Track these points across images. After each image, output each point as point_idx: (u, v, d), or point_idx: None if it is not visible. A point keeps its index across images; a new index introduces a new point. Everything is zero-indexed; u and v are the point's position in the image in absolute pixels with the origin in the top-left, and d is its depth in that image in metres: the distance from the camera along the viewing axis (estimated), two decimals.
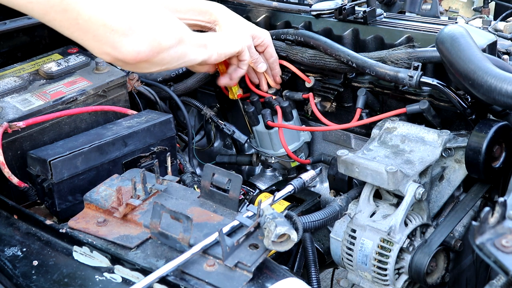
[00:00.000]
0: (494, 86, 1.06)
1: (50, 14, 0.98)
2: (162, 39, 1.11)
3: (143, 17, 1.07)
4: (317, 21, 1.58)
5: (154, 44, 1.09)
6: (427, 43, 1.36)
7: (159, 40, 1.10)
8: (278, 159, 1.64)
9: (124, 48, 1.04)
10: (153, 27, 1.09)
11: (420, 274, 1.19)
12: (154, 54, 1.10)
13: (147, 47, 1.07)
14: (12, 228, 1.15)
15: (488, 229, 0.74)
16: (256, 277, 0.93)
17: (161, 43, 1.11)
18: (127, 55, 1.05)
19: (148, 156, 1.39)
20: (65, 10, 0.97)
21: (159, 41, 1.10)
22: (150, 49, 1.08)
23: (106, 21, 1.00)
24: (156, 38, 1.10)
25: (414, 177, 1.21)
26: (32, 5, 0.97)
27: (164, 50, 1.13)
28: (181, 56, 1.21)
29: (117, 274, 0.99)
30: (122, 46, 1.03)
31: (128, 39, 1.03)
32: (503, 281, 0.76)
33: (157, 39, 1.10)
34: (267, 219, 0.96)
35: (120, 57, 1.06)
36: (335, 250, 1.31)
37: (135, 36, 1.04)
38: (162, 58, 1.13)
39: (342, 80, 1.51)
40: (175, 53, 1.17)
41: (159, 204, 0.99)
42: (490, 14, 2.54)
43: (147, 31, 1.07)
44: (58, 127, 1.40)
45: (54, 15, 0.98)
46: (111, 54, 1.05)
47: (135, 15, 1.05)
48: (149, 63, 1.11)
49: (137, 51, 1.06)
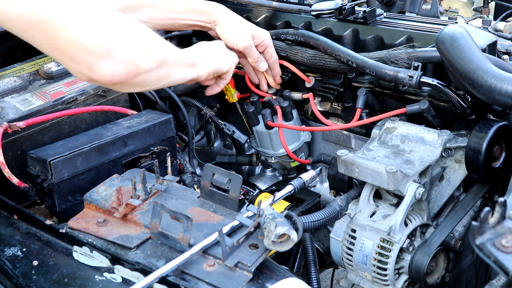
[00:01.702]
0: (494, 86, 1.06)
1: (29, 33, 0.98)
2: (141, 63, 1.09)
3: (122, 40, 1.05)
4: (317, 21, 1.58)
5: (132, 68, 1.07)
6: (427, 43, 1.36)
7: (137, 63, 1.08)
8: (278, 159, 1.64)
9: (100, 70, 1.03)
10: (131, 50, 1.07)
11: (420, 274, 1.19)
12: (131, 77, 1.08)
13: (124, 70, 1.06)
14: (12, 228, 1.15)
15: (488, 229, 0.74)
16: (256, 277, 0.93)
17: (139, 67, 1.09)
18: (102, 77, 1.04)
19: (148, 156, 1.39)
20: (44, 30, 0.97)
21: (137, 65, 1.09)
22: (127, 72, 1.06)
23: (84, 44, 1.00)
24: (135, 61, 1.08)
25: (414, 177, 1.21)
26: (12, 23, 0.97)
27: (143, 73, 1.11)
28: (163, 78, 1.19)
29: (117, 274, 0.99)
30: (98, 68, 1.02)
31: (105, 62, 1.02)
32: (503, 281, 0.76)
33: (136, 63, 1.08)
34: (267, 219, 0.96)
35: (95, 78, 1.05)
36: (335, 250, 1.31)
37: (112, 59, 1.03)
38: (140, 80, 1.12)
39: (342, 80, 1.51)
40: (156, 76, 1.16)
41: (159, 204, 0.99)
42: (490, 14, 2.54)
43: (125, 54, 1.06)
44: (58, 127, 1.40)
45: (33, 33, 0.98)
46: (87, 74, 1.04)
47: (114, 38, 1.04)
48: (126, 84, 1.10)
49: (112, 74, 1.04)
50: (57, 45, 1.00)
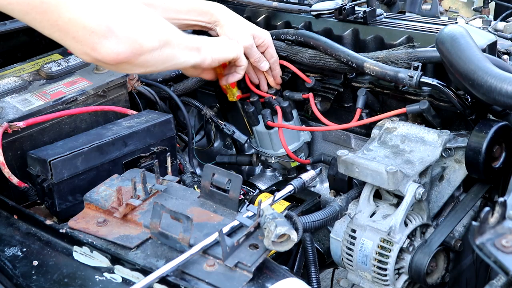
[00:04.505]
0: (494, 86, 1.06)
1: (30, 15, 0.98)
2: (144, 41, 1.09)
3: (124, 18, 1.05)
4: (317, 21, 1.58)
5: (135, 46, 1.07)
6: (427, 43, 1.36)
7: (140, 42, 1.08)
8: (278, 159, 1.64)
9: (103, 50, 1.03)
10: (134, 28, 1.07)
11: (420, 274, 1.19)
12: (135, 56, 1.08)
13: (127, 49, 1.06)
14: (12, 228, 1.15)
15: (488, 229, 0.74)
16: (256, 277, 0.93)
17: (142, 45, 1.09)
18: (106, 56, 1.04)
19: (148, 156, 1.39)
20: (45, 11, 0.97)
21: (140, 43, 1.08)
22: (131, 51, 1.06)
23: (85, 23, 1.00)
24: (137, 39, 1.08)
25: (414, 177, 1.21)
26: (13, 6, 0.96)
27: (146, 52, 1.11)
28: (167, 59, 1.19)
29: (117, 274, 0.99)
30: (101, 47, 1.02)
31: (108, 40, 1.02)
32: (503, 281, 0.76)
33: (138, 41, 1.08)
34: (267, 219, 0.96)
35: (99, 58, 1.05)
36: (335, 250, 1.31)
37: (114, 37, 1.03)
38: (144, 60, 1.12)
39: (342, 80, 1.51)
40: (160, 56, 1.15)
41: (159, 204, 0.99)
42: (490, 14, 2.54)
43: (127, 32, 1.05)
44: (58, 127, 1.40)
45: (34, 15, 0.98)
46: (91, 55, 1.04)
47: (115, 16, 1.03)
48: (131, 64, 1.10)
49: (116, 53, 1.04)
50: (59, 26, 0.99)
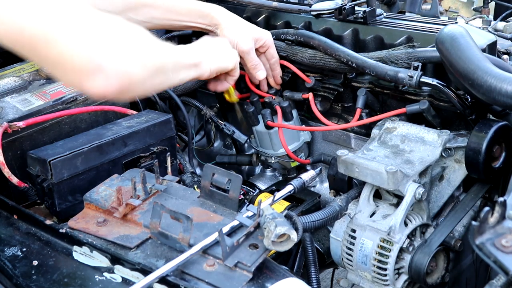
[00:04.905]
0: (494, 86, 1.06)
1: (19, 49, 0.96)
2: (134, 75, 1.03)
3: (113, 52, 0.98)
4: (317, 21, 1.58)
5: (124, 81, 1.01)
6: (427, 43, 1.36)
7: (130, 76, 1.02)
8: (278, 159, 1.64)
9: (91, 86, 0.98)
10: (123, 62, 1.00)
11: (420, 274, 1.19)
12: (124, 90, 1.02)
13: (116, 85, 1.00)
14: (12, 228, 1.15)
15: (488, 229, 0.74)
16: (256, 277, 0.93)
17: (132, 79, 1.02)
18: (95, 92, 1.00)
19: (148, 156, 1.39)
20: (34, 47, 0.95)
21: (130, 77, 1.02)
22: (120, 86, 1.00)
23: (73, 60, 0.95)
24: (127, 74, 1.01)
25: (414, 177, 1.21)
26: (1, 39, 0.94)
27: (136, 84, 1.05)
28: (160, 85, 1.15)
29: (117, 274, 0.99)
30: (89, 84, 0.98)
31: (96, 77, 0.97)
32: (503, 281, 0.76)
33: (128, 75, 1.01)
34: (267, 219, 0.96)
35: (87, 92, 1.02)
36: (335, 250, 1.31)
37: (103, 74, 0.97)
38: (135, 91, 1.08)
39: (342, 80, 1.51)
40: (151, 84, 1.11)
41: (159, 204, 0.99)
42: (490, 14, 2.53)
43: (116, 67, 0.99)
44: (58, 127, 1.40)
45: (23, 50, 0.96)
46: (80, 88, 1.02)
47: (103, 52, 0.97)
48: (122, 95, 1.05)
49: (104, 90, 0.99)
50: (48, 61, 0.97)
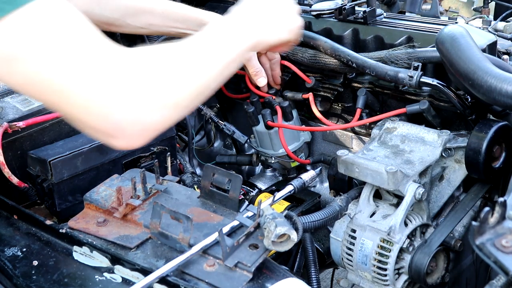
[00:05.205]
0: (494, 86, 1.06)
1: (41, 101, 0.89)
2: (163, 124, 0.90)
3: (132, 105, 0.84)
4: (317, 21, 1.58)
5: (150, 132, 0.89)
6: (427, 43, 1.36)
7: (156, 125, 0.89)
8: (278, 159, 1.64)
9: (116, 146, 0.89)
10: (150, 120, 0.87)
11: (420, 274, 1.19)
12: (155, 134, 0.91)
13: (141, 140, 0.89)
14: (12, 228, 1.15)
15: (488, 229, 0.74)
16: (256, 277, 0.93)
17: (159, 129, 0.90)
18: (118, 148, 0.90)
19: (148, 156, 1.39)
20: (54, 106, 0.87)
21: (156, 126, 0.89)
22: (145, 139, 0.90)
23: (92, 125, 0.86)
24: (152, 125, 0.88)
25: (414, 177, 1.21)
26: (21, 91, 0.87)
27: (170, 123, 0.92)
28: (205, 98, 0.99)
29: (117, 274, 0.99)
30: (114, 144, 0.89)
31: (117, 140, 0.87)
32: (503, 281, 0.76)
33: (155, 125, 0.88)
34: (267, 219, 0.96)
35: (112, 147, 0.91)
36: (335, 250, 1.31)
37: (122, 138, 0.87)
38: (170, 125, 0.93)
39: (342, 80, 1.51)
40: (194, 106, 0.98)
41: (159, 204, 0.99)
42: (490, 14, 2.53)
43: (135, 127, 0.86)
44: (58, 127, 1.40)
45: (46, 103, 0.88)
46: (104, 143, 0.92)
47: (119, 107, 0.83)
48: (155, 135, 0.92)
49: (130, 147, 0.89)
50: (68, 119, 0.89)
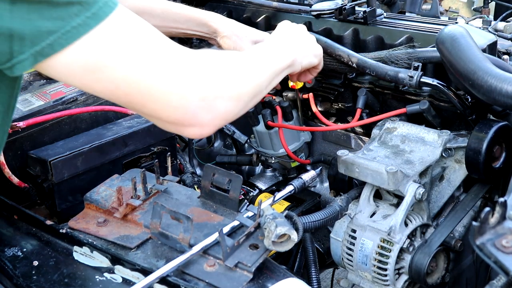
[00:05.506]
0: (494, 86, 1.06)
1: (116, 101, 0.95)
2: (229, 113, 0.97)
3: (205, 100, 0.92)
4: (317, 21, 1.58)
5: (220, 122, 0.97)
6: (427, 43, 1.36)
7: (225, 116, 0.97)
8: (278, 159, 1.64)
9: (188, 135, 0.98)
10: (216, 108, 0.94)
11: (420, 274, 1.19)
12: (221, 125, 0.99)
13: (212, 129, 0.97)
14: (12, 228, 1.15)
15: (488, 230, 0.74)
16: (256, 277, 0.93)
17: (227, 117, 0.98)
18: (190, 136, 1.01)
19: (148, 156, 1.39)
20: (129, 102, 0.93)
21: (225, 117, 0.97)
22: (216, 127, 0.97)
23: (168, 117, 0.93)
24: (221, 116, 0.96)
25: (414, 177, 1.21)
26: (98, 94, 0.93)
27: (233, 117, 1.00)
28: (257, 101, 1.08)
29: (117, 274, 0.99)
30: (186, 133, 0.98)
31: (192, 129, 0.95)
32: (503, 281, 0.76)
33: (223, 116, 0.97)
34: (267, 219, 0.96)
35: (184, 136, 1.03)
36: (335, 250, 1.31)
37: (197, 127, 0.95)
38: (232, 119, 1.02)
39: (342, 80, 1.51)
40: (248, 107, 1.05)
41: (159, 204, 0.99)
42: (490, 14, 2.54)
43: (209, 116, 0.94)
44: (58, 127, 1.40)
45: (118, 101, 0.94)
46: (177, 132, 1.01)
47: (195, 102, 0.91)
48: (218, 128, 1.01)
49: (201, 135, 0.98)
50: (144, 113, 0.96)
